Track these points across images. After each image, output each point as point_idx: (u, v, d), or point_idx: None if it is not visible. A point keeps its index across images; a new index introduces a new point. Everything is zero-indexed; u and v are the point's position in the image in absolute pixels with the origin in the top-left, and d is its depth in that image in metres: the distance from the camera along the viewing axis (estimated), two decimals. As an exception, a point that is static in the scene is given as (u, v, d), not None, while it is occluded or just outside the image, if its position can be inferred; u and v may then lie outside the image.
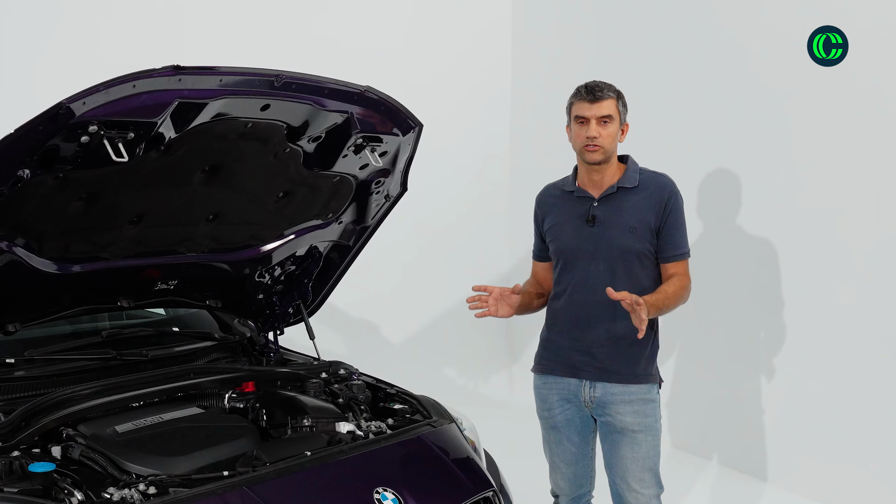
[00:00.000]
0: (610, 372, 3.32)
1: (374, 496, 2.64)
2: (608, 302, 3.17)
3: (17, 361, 3.14)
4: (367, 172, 3.39)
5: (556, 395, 3.44)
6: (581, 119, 3.27)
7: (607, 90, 3.26)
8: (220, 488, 2.48)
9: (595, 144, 3.24)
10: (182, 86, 2.57)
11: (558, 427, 3.47)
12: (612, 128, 3.26)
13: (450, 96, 7.38)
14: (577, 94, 3.31)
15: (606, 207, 3.32)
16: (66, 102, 2.35)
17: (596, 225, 3.32)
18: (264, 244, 3.54)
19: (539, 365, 3.53)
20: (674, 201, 3.31)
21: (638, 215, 3.28)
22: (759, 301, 5.31)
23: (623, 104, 3.32)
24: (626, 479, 3.35)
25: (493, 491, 2.99)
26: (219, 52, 5.49)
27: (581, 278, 3.34)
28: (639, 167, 3.38)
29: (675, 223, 3.30)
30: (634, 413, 3.31)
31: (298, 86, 2.86)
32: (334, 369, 3.61)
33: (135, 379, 3.14)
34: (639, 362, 3.33)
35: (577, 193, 3.39)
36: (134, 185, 2.85)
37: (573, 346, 3.37)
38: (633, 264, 3.30)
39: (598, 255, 3.30)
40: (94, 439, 2.74)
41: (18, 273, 2.85)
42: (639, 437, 3.31)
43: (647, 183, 3.33)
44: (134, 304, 3.36)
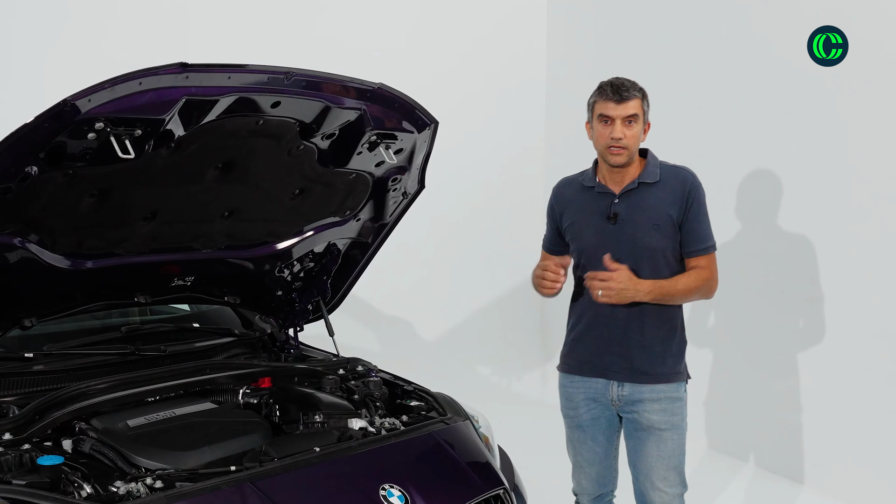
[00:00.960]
0: (639, 372, 3.26)
1: (380, 492, 2.64)
2: (634, 302, 3.16)
3: (35, 356, 3.18)
4: (383, 170, 3.39)
5: (583, 394, 3.40)
6: (605, 118, 3.17)
7: (633, 89, 3.15)
8: (224, 483, 2.49)
9: (620, 146, 3.15)
10: (189, 83, 2.57)
11: (583, 426, 3.43)
12: (637, 128, 3.17)
13: (484, 92, 7.39)
14: (601, 93, 3.19)
15: (628, 204, 3.24)
16: (72, 99, 2.37)
17: (618, 223, 3.24)
18: (281, 241, 3.55)
19: (565, 364, 3.48)
20: (695, 194, 3.22)
21: (661, 211, 3.20)
22: (798, 300, 5.22)
23: (647, 103, 3.22)
24: (651, 477, 3.31)
25: (503, 489, 2.97)
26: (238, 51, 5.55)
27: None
28: (659, 161, 3.30)
29: (698, 216, 3.22)
30: (662, 411, 3.26)
31: (309, 83, 2.86)
32: (352, 366, 3.62)
33: (150, 374, 3.17)
34: (666, 361, 3.28)
35: (598, 189, 3.30)
36: (146, 182, 2.87)
37: (600, 347, 3.31)
38: (659, 262, 3.22)
39: (621, 254, 3.20)
40: (105, 433, 2.77)
41: (33, 269, 2.88)
42: (665, 436, 3.27)
43: (668, 177, 3.24)
44: (151, 300, 3.39)
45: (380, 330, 7.15)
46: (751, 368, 5.58)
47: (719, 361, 5.77)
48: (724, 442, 5.80)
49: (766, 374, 5.47)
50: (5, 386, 3.05)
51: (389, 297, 7.09)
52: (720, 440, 5.82)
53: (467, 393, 3.47)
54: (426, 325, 7.39)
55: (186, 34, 5.94)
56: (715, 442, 5.84)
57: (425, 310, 7.28)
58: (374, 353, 6.99)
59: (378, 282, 6.95)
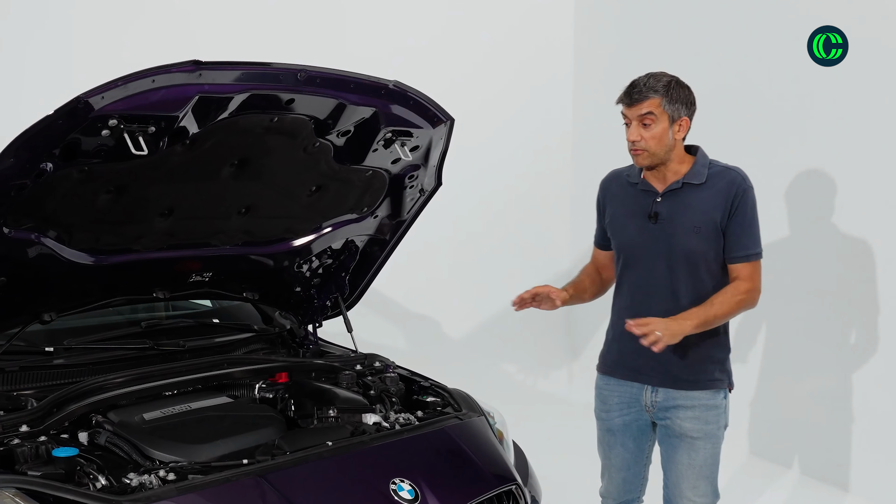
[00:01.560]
0: (674, 378, 3.18)
1: (390, 486, 2.66)
2: (671, 305, 3.09)
3: (56, 350, 3.23)
4: (399, 167, 3.41)
5: (617, 397, 3.33)
6: (625, 120, 3.11)
7: (648, 89, 3.02)
8: (234, 476, 2.52)
9: (638, 148, 3.07)
10: (202, 80, 2.60)
11: (614, 430, 3.36)
12: (656, 128, 3.03)
13: (511, 87, 7.41)
14: (620, 95, 3.12)
15: (670, 204, 3.13)
16: (85, 97, 2.40)
17: (658, 222, 3.13)
18: (299, 237, 3.57)
19: (603, 365, 3.41)
20: (742, 198, 3.06)
21: (704, 214, 3.08)
22: (847, 305, 5.13)
23: (672, 100, 3.03)
24: (680, 485, 3.23)
25: (515, 485, 2.98)
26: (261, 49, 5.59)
27: (642, 279, 3.20)
28: (709, 160, 3.16)
29: (742, 222, 3.07)
30: (695, 419, 3.17)
31: (323, 80, 2.88)
32: (369, 362, 3.65)
33: (168, 368, 3.21)
34: (705, 368, 3.18)
35: (641, 186, 3.21)
36: (162, 179, 2.90)
37: (636, 349, 3.13)
38: (698, 266, 3.11)
39: (659, 256, 3.14)
40: (121, 426, 2.82)
41: (52, 264, 2.92)
42: (697, 444, 3.17)
43: (716, 178, 3.10)
44: (169, 296, 3.43)
45: (407, 327, 7.19)
46: (796, 372, 5.47)
47: (764, 364, 5.67)
48: (766, 447, 5.69)
49: (811, 378, 5.36)
50: (26, 379, 3.10)
51: (416, 293, 7.13)
52: (762, 445, 5.71)
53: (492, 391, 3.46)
54: (453, 322, 7.41)
55: (204, 33, 5.99)
56: (756, 447, 5.73)
57: (452, 307, 7.31)
58: (400, 350, 7.03)
59: (405, 279, 7.01)
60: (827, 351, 5.26)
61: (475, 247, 7.30)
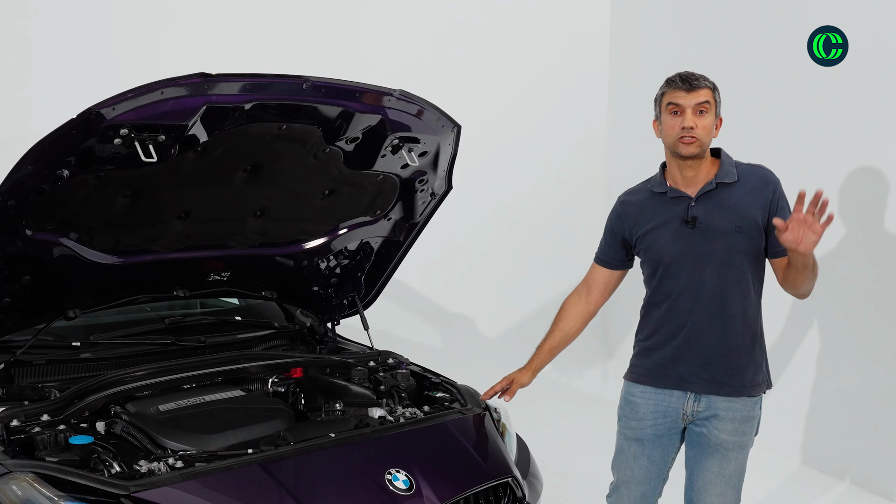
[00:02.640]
0: (720, 384, 3.11)
1: (385, 476, 2.79)
2: (718, 310, 3.05)
3: (82, 344, 3.44)
4: (409, 171, 3.54)
5: (653, 406, 3.22)
6: (675, 108, 3.02)
7: (703, 79, 3.02)
8: (236, 464, 2.68)
9: (692, 136, 2.99)
10: (209, 92, 2.76)
11: (643, 440, 3.26)
12: (709, 119, 3.01)
13: (546, 85, 7.49)
14: (670, 84, 3.06)
15: (706, 206, 3.07)
16: (96, 108, 2.57)
17: (697, 227, 3.06)
18: (314, 239, 3.73)
19: (634, 373, 3.31)
20: (780, 194, 3.06)
21: (743, 212, 3.03)
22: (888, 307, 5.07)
23: (718, 96, 3.06)
24: (707, 491, 3.20)
25: (511, 478, 3.10)
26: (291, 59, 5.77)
27: (687, 286, 3.10)
28: (734, 160, 3.14)
29: (785, 215, 2.93)
30: (732, 431, 3.12)
31: (328, 90, 3.02)
32: (383, 358, 3.78)
33: (186, 363, 3.38)
34: (747, 371, 3.12)
35: (671, 194, 3.13)
36: (176, 184, 3.07)
37: (679, 357, 3.13)
38: (744, 266, 3.06)
39: (703, 260, 3.06)
40: (136, 416, 2.99)
41: (74, 264, 3.11)
42: (730, 455, 3.15)
43: (748, 176, 3.08)
44: (189, 294, 3.60)
45: (442, 327, 7.32)
46: (849, 383, 5.40)
47: (818, 375, 5.58)
48: (818, 459, 5.60)
49: (865, 390, 5.28)
50: (52, 372, 3.31)
51: (450, 293, 7.25)
52: (815, 457, 5.62)
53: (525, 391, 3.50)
54: (487, 321, 7.52)
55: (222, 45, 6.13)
56: (809, 458, 5.64)
57: (486, 305, 7.41)
58: (435, 348, 7.18)
59: (440, 278, 7.15)
60: (879, 362, 5.18)
61: (508, 245, 7.40)
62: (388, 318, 6.99)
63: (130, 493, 2.44)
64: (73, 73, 5.59)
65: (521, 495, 3.12)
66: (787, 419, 5.63)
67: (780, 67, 5.56)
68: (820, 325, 5.56)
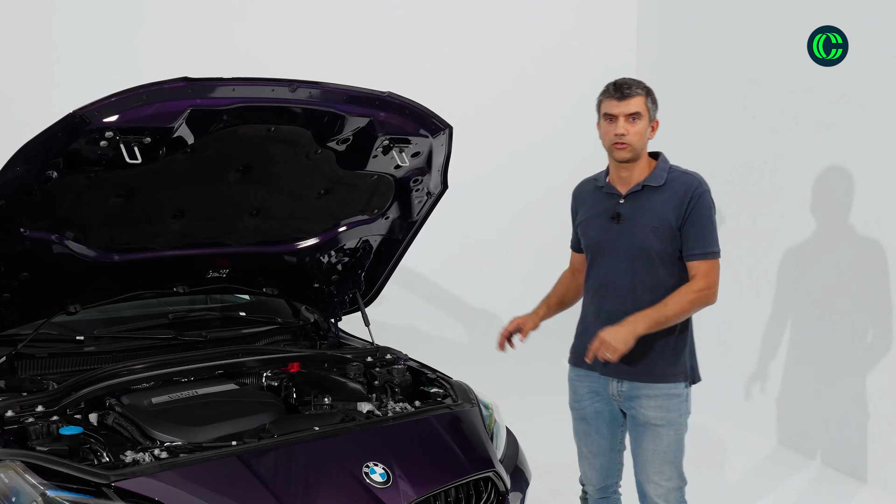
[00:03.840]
0: (629, 370, 3.33)
1: (363, 469, 2.86)
2: (629, 301, 3.25)
3: (86, 338, 3.56)
4: (403, 171, 3.60)
5: (587, 387, 3.49)
6: (609, 116, 3.26)
7: (636, 87, 3.24)
8: (216, 455, 2.77)
9: (623, 142, 3.23)
10: (193, 95, 2.84)
11: (588, 419, 3.52)
12: (641, 125, 3.23)
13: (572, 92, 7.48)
14: (605, 92, 3.29)
15: (631, 205, 3.32)
16: (80, 112, 2.67)
17: (620, 222, 3.32)
18: (312, 237, 3.82)
19: (572, 357, 3.58)
20: (697, 201, 3.24)
21: (660, 215, 3.25)
22: (869, 301, 5.19)
23: (652, 101, 3.29)
24: (647, 470, 3.39)
25: (493, 472, 3.15)
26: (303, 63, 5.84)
27: (604, 275, 3.37)
28: (669, 165, 3.35)
29: (697, 222, 3.23)
30: (658, 408, 3.32)
31: (315, 93, 3.10)
32: (381, 354, 3.86)
33: (184, 357, 3.48)
34: (658, 362, 3.31)
35: (607, 189, 3.40)
36: (169, 184, 3.16)
37: None
38: (654, 263, 3.28)
39: (620, 253, 3.31)
40: (129, 409, 3.10)
41: (73, 261, 3.22)
42: (661, 432, 3.32)
43: (674, 182, 3.29)
44: (189, 291, 3.69)
45: (467, 323, 7.38)
46: (822, 368, 5.57)
47: (791, 361, 5.80)
48: (793, 439, 5.85)
49: (836, 374, 5.45)
50: (54, 365, 3.43)
51: (474, 291, 7.31)
52: (790, 437, 5.87)
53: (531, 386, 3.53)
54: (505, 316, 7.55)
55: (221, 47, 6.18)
56: (784, 439, 5.90)
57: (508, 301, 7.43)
58: (462, 343, 7.24)
59: (466, 276, 7.21)
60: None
61: (533, 244, 7.41)
62: (414, 314, 7.11)
63: (111, 482, 2.54)
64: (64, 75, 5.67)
65: (503, 489, 3.17)
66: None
67: (779, 67, 5.60)
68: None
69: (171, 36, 6.04)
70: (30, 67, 5.56)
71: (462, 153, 6.78)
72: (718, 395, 6.28)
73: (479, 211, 7.16)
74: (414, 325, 7.07)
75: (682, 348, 3.39)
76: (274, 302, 4.28)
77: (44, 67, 5.63)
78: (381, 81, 4.47)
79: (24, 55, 5.60)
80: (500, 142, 7.29)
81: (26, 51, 5.58)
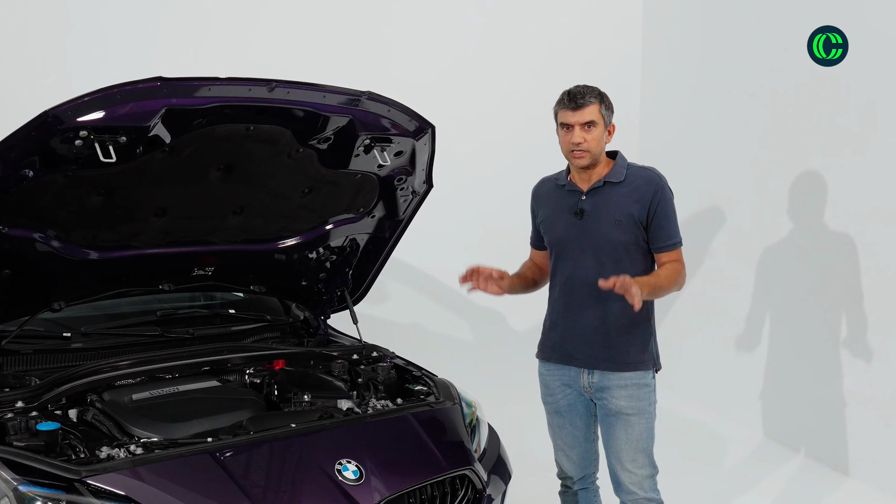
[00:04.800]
0: (600, 360, 3.42)
1: (336, 466, 2.88)
2: (597, 292, 3.29)
3: (73, 335, 3.59)
4: (386, 171, 3.62)
5: (558, 380, 3.55)
6: (566, 126, 3.35)
7: (589, 96, 3.32)
8: (188, 451, 2.79)
9: (581, 150, 3.32)
10: (168, 95, 2.87)
11: (561, 412, 3.58)
12: (597, 132, 3.33)
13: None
14: (560, 102, 3.38)
15: (593, 201, 3.40)
16: (53, 111, 2.70)
17: (584, 218, 3.40)
18: (297, 235, 3.84)
19: (541, 352, 3.64)
20: (661, 195, 3.37)
21: (623, 209, 3.35)
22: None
23: (606, 107, 3.37)
24: (621, 459, 3.46)
25: (469, 469, 3.17)
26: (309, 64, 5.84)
27: (571, 269, 3.44)
28: (627, 162, 3.46)
29: (665, 215, 3.37)
30: (628, 397, 3.40)
31: (293, 92, 3.12)
32: (367, 351, 3.87)
33: (169, 353, 3.51)
34: (629, 351, 3.41)
35: (568, 187, 3.48)
36: (149, 183, 3.19)
37: (566, 336, 3.48)
38: (620, 255, 3.37)
39: (586, 247, 3.40)
40: (109, 405, 3.13)
41: (55, 259, 3.25)
42: (632, 420, 3.41)
43: (634, 177, 3.40)
44: (175, 288, 3.73)
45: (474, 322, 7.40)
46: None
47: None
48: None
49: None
50: (39, 361, 3.47)
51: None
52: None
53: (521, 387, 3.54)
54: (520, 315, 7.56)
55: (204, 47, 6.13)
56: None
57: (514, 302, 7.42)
58: (466, 341, 7.24)
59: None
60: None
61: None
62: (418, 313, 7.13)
63: (82, 477, 2.57)
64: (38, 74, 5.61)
65: (480, 487, 3.19)
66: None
67: (780, 67, 5.58)
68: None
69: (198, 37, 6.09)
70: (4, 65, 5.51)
71: (462, 153, 6.87)
72: (706, 388, 6.40)
73: (486, 212, 7.16)
74: (419, 324, 7.09)
75: (650, 335, 3.50)
76: (266, 300, 4.29)
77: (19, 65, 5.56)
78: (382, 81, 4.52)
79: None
80: (507, 144, 7.31)
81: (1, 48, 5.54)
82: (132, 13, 5.81)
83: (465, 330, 7.37)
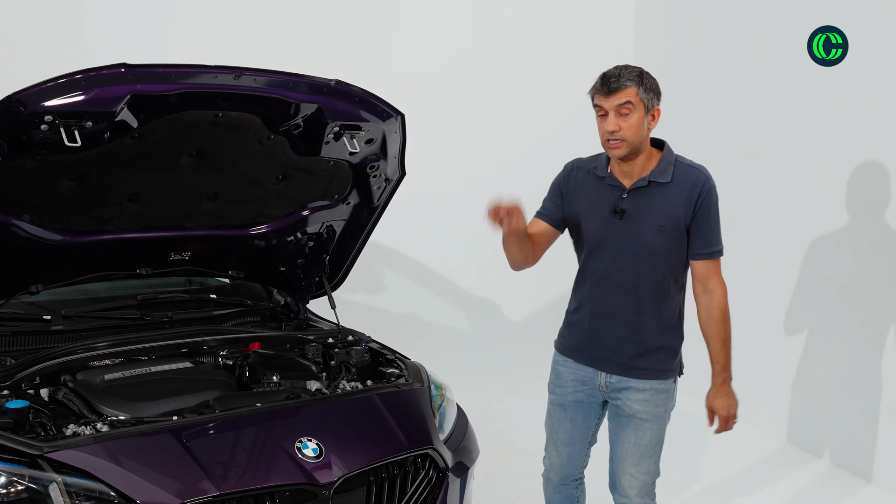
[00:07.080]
0: (628, 368, 3.25)
1: (295, 445, 2.93)
2: (632, 299, 3.17)
3: (53, 318, 3.66)
4: (358, 158, 3.67)
5: (573, 375, 3.39)
6: (601, 111, 3.08)
7: (625, 78, 3.01)
8: (150, 429, 2.86)
9: (616, 139, 3.04)
10: (133, 81, 2.93)
11: (565, 406, 3.44)
12: (634, 118, 3.02)
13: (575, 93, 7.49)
14: (594, 86, 3.09)
15: (636, 201, 3.15)
16: (17, 95, 2.76)
17: (624, 219, 3.15)
18: (272, 221, 3.91)
19: (561, 346, 3.47)
20: (706, 197, 3.11)
21: (668, 212, 3.11)
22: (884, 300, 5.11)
23: (647, 89, 3.04)
24: (625, 461, 3.34)
25: (431, 449, 3.22)
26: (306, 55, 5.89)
27: (606, 271, 3.23)
28: (674, 157, 3.18)
29: (706, 219, 3.12)
30: (645, 402, 3.26)
31: (259, 80, 3.18)
32: (343, 335, 3.92)
33: (145, 336, 3.57)
34: (658, 360, 3.25)
35: (609, 181, 3.21)
36: (120, 168, 3.25)
37: (594, 338, 3.29)
38: (659, 263, 3.16)
39: (624, 251, 3.17)
40: (80, 384, 3.19)
41: (30, 243, 3.32)
42: (645, 426, 3.28)
43: (681, 177, 3.12)
44: (152, 273, 3.79)
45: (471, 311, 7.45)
46: (838, 369, 5.50)
47: (803, 360, 5.74)
48: (801, 437, 5.82)
49: (852, 376, 5.38)
50: (17, 343, 3.54)
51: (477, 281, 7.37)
52: (798, 435, 5.85)
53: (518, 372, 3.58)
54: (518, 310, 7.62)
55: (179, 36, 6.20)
56: (793, 437, 5.88)
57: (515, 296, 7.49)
58: (464, 331, 7.29)
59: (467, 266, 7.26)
60: (859, 350, 5.28)
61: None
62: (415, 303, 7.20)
63: (44, 453, 2.64)
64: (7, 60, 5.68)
65: (443, 466, 3.24)
66: (775, 400, 5.91)
67: (779, 66, 5.60)
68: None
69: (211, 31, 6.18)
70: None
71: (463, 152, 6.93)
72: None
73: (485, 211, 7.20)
74: (415, 313, 7.16)
75: (680, 342, 3.34)
76: (249, 285, 4.36)
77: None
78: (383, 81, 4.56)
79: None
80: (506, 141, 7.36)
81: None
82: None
83: (461, 319, 7.43)
